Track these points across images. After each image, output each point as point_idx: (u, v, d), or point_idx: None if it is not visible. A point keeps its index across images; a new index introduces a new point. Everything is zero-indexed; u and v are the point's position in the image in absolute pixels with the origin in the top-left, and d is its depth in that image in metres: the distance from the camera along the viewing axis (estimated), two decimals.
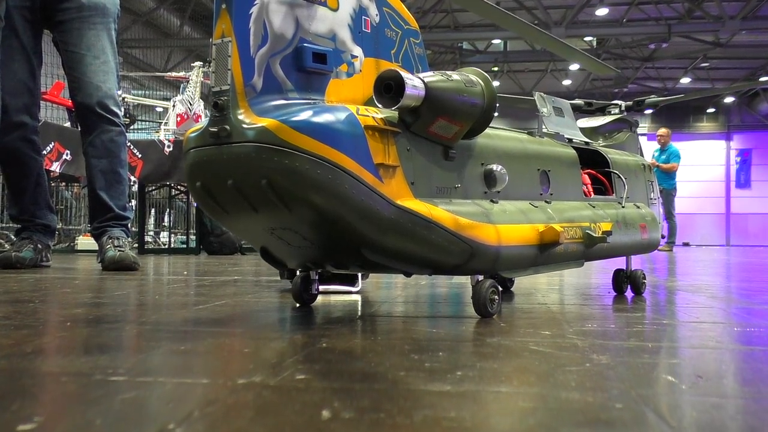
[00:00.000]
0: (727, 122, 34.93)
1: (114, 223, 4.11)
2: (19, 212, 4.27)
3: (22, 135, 4.12)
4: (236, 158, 1.36)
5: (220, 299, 2.04)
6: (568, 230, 1.88)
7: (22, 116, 4.11)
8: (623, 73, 29.47)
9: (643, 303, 2.03)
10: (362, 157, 1.41)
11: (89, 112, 4.08)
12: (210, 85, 1.42)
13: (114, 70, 4.19)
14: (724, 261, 7.39)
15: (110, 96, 4.12)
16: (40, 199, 4.30)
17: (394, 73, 1.47)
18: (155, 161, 7.36)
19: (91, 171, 4.14)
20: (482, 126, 1.66)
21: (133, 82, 20.94)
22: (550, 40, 2.20)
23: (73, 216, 10.27)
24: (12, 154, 4.13)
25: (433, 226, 1.51)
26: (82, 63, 4.07)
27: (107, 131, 4.10)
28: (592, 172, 2.38)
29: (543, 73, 29.72)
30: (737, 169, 35.69)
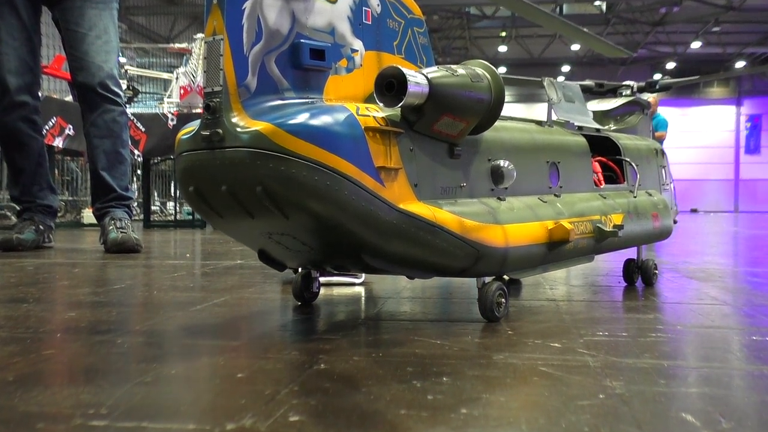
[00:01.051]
0: (737, 87, 34.59)
1: (117, 204, 4.07)
2: (20, 193, 4.22)
3: (22, 115, 4.06)
4: (230, 164, 1.30)
5: (221, 295, 1.99)
6: (578, 225, 1.81)
7: (23, 96, 4.05)
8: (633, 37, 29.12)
9: (654, 299, 1.97)
10: (362, 160, 1.34)
11: (91, 92, 4.02)
12: (202, 85, 1.35)
13: (115, 50, 4.12)
14: (732, 233, 7.32)
15: (112, 76, 4.05)
16: (42, 180, 4.25)
17: (396, 70, 1.39)
18: (159, 135, 7.31)
19: (93, 151, 4.08)
20: (490, 122, 1.58)
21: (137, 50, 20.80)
22: (562, 24, 2.11)
23: (79, 187, 10.24)
24: (13, 135, 4.07)
25: (438, 230, 1.44)
26: (84, 42, 4.00)
27: (109, 111, 4.04)
28: (603, 159, 2.31)
29: (551, 38, 29.38)
30: (747, 134, 35.42)
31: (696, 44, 29.14)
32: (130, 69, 8.72)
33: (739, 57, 31.17)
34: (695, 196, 32.34)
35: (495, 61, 32.42)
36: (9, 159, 4.19)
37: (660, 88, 2.74)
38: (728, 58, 31.26)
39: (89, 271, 2.78)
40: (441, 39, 28.15)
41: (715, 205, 33.69)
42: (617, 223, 2.01)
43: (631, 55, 3.61)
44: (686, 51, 30.34)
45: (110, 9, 4.14)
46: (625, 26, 27.51)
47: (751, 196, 34.75)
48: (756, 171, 34.42)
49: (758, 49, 30.21)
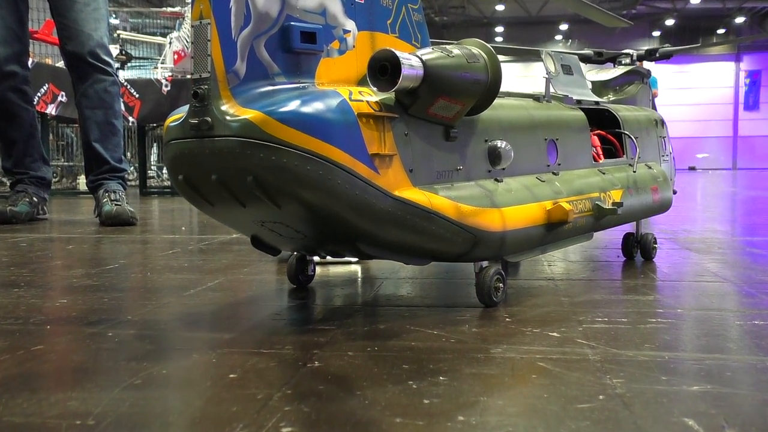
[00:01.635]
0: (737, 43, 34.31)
1: (110, 176, 4.02)
2: (13, 165, 4.18)
3: (12, 85, 4.00)
4: (219, 153, 1.26)
5: (215, 276, 1.96)
6: (576, 204, 1.79)
7: (12, 65, 3.98)
8: None
9: (653, 276, 1.95)
10: (356, 148, 1.30)
11: (81, 62, 3.95)
12: (189, 71, 1.30)
13: (105, 17, 4.04)
14: (731, 195, 7.30)
15: (102, 45, 3.97)
16: (34, 151, 4.20)
17: (390, 53, 1.35)
18: (153, 101, 7.22)
19: (85, 122, 4.03)
20: (486, 103, 1.54)
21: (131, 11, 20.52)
22: None
23: (75, 153, 10.17)
24: (3, 106, 4.01)
25: (434, 217, 1.41)
26: (73, 10, 3.92)
27: (100, 81, 3.97)
28: (602, 133, 2.27)
29: None
30: (746, 91, 35.24)
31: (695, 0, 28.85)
32: (122, 34, 8.60)
33: (739, 12, 30.87)
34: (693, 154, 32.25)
35: (492, 20, 32.12)
36: (0, 131, 4.14)
37: (660, 56, 2.69)
38: (728, 13, 30.97)
39: (83, 248, 2.75)
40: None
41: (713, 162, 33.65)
42: (616, 200, 1.98)
43: (631, 24, 3.54)
44: (685, 6, 30.05)
45: None
46: None
47: (749, 153, 34.68)
48: (755, 127, 34.31)
49: (758, 3, 29.91)
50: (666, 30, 33.37)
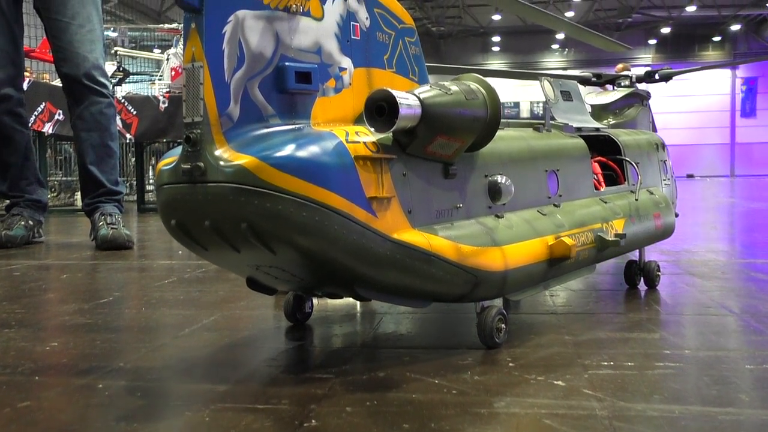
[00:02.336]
0: (732, 50, 34.39)
1: (106, 199, 3.98)
2: (8, 188, 4.14)
3: (6, 108, 3.97)
4: (213, 199, 1.22)
5: (211, 312, 1.92)
6: (578, 237, 1.75)
7: (6, 89, 3.95)
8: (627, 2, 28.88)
9: (657, 309, 1.91)
10: (353, 192, 1.27)
11: (76, 84, 3.91)
12: (182, 116, 1.27)
13: (100, 39, 4.01)
14: (730, 207, 7.27)
15: (97, 66, 3.94)
16: (30, 174, 4.16)
17: (386, 93, 1.31)
18: (151, 118, 7.18)
19: (81, 145, 3.99)
20: (486, 139, 1.51)
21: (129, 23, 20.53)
22: (562, 22, 2.03)
23: (72, 168, 10.13)
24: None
25: (434, 259, 1.38)
26: (67, 32, 3.88)
27: (96, 103, 3.94)
28: (603, 159, 2.24)
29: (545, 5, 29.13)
30: (743, 98, 35.29)
31: (691, 8, 28.92)
32: (120, 50, 8.57)
33: (734, 19, 30.94)
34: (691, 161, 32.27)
35: (489, 30, 32.16)
36: None
37: (660, 78, 2.66)
38: (723, 21, 31.03)
39: (77, 278, 2.71)
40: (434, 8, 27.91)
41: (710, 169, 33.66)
42: (619, 230, 1.95)
43: (630, 49, 3.53)
44: (681, 15, 30.10)
45: None
46: None
47: (746, 160, 34.70)
48: (752, 134, 34.35)
49: (753, 11, 29.99)
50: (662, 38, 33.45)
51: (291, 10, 1.31)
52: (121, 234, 3.72)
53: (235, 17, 1.24)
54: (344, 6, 1.41)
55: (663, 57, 34.22)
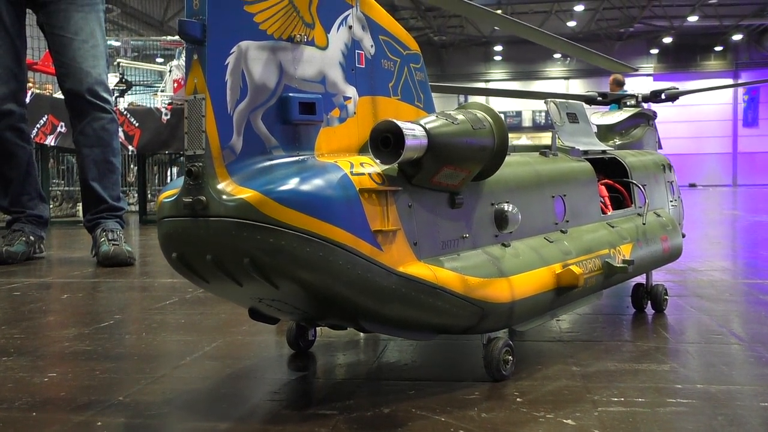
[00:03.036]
0: (734, 60, 34.43)
1: (108, 215, 3.97)
2: (9, 204, 4.12)
3: (9, 124, 3.96)
4: (214, 234, 1.20)
5: (212, 337, 1.90)
6: (586, 264, 1.73)
7: (9, 104, 3.94)
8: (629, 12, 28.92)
9: (666, 336, 1.88)
10: (358, 226, 1.24)
11: (79, 100, 3.90)
12: (183, 148, 1.25)
13: (103, 54, 3.99)
14: (733, 220, 7.24)
15: (100, 82, 3.92)
16: (31, 189, 4.15)
17: (392, 124, 1.29)
18: (153, 130, 7.17)
19: (83, 161, 3.98)
20: (494, 168, 1.48)
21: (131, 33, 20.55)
22: (565, 44, 2.01)
23: (75, 178, 10.12)
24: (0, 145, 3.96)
25: (440, 292, 1.35)
26: (71, 48, 3.87)
27: (98, 119, 3.92)
28: (609, 182, 2.22)
29: (547, 15, 29.20)
30: (745, 107, 35.30)
31: (693, 18, 28.94)
32: (122, 62, 8.57)
33: (736, 29, 30.98)
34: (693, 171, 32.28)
35: (491, 39, 32.20)
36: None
37: (666, 98, 2.63)
38: (725, 31, 31.07)
39: (78, 298, 2.68)
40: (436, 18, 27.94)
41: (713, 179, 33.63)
42: (626, 255, 1.92)
43: (636, 70, 3.50)
44: (683, 24, 30.14)
45: (96, 11, 4.01)
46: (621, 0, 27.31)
47: (749, 169, 34.70)
48: (754, 144, 34.36)
49: (755, 21, 30.02)
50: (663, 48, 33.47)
51: (295, 40, 1.29)
52: (122, 251, 3.70)
53: (238, 48, 1.22)
54: (349, 34, 1.39)
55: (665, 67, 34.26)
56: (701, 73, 34.27)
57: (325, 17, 1.35)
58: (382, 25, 1.47)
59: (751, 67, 33.80)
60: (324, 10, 1.34)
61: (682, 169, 29.24)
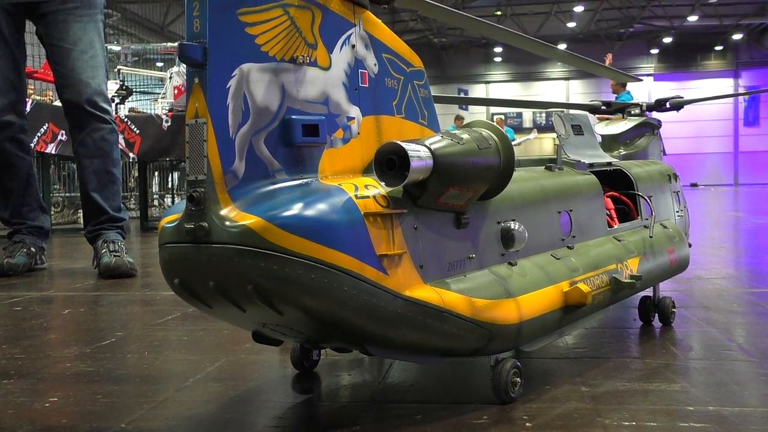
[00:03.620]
0: (735, 59, 34.38)
1: (109, 226, 3.94)
2: (10, 215, 4.10)
3: (8, 135, 3.94)
4: (217, 260, 1.18)
5: (215, 356, 1.87)
6: (593, 281, 1.70)
7: (8, 115, 3.92)
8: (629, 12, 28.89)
9: (675, 352, 1.86)
10: (363, 251, 1.22)
11: (78, 110, 3.87)
12: (185, 173, 1.22)
13: (103, 65, 3.97)
14: (736, 223, 7.22)
15: (100, 92, 3.90)
16: (32, 200, 4.13)
17: (396, 146, 1.27)
18: (154, 137, 7.16)
19: (83, 172, 3.95)
20: (500, 187, 1.46)
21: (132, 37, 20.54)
22: (569, 56, 1.99)
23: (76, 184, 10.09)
24: None
25: (447, 315, 1.33)
26: (69, 58, 3.85)
27: (98, 129, 3.90)
28: (616, 194, 2.19)
29: (547, 16, 29.18)
30: (745, 107, 35.26)
31: (693, 18, 28.91)
32: (123, 69, 8.55)
33: (736, 29, 30.94)
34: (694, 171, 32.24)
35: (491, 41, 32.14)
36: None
37: (671, 107, 2.61)
38: (725, 30, 31.04)
39: (79, 313, 2.66)
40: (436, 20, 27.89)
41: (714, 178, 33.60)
42: (633, 269, 1.90)
43: (640, 81, 3.48)
44: (683, 24, 30.11)
45: (95, 21, 3.99)
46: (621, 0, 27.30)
47: (750, 169, 34.64)
48: (755, 143, 34.29)
49: (755, 20, 29.99)
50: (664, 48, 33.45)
51: (297, 61, 1.27)
52: (124, 262, 3.67)
53: (240, 71, 1.20)
54: (352, 54, 1.37)
55: (665, 67, 34.24)
56: (702, 73, 34.23)
57: (328, 37, 1.33)
58: (385, 42, 1.45)
59: (752, 66, 33.76)
60: (326, 30, 1.32)
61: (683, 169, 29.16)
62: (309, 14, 1.29)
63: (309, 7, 1.29)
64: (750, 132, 34.85)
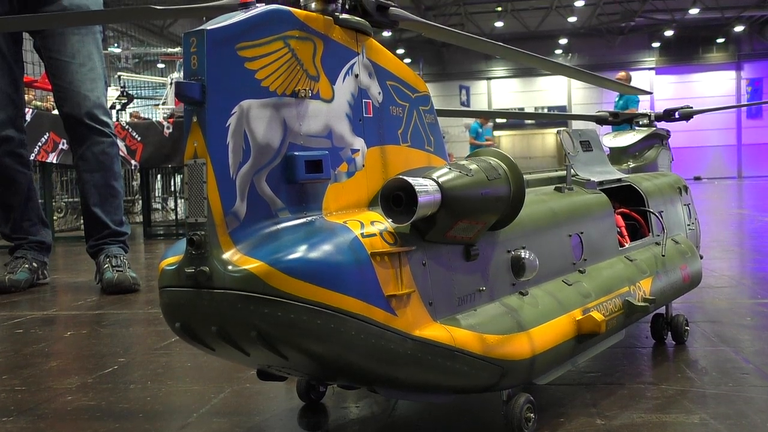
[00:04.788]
0: (737, 51, 34.27)
1: (111, 240, 3.90)
2: (11, 230, 4.07)
3: (7, 150, 3.90)
4: (220, 306, 1.13)
5: (219, 387, 1.83)
6: (606, 306, 1.66)
7: (7, 130, 3.88)
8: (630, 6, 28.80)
9: (691, 377, 1.81)
10: (370, 292, 1.18)
11: (78, 124, 3.84)
12: (184, 214, 1.18)
13: (102, 77, 3.93)
14: (740, 221, 7.16)
15: (99, 105, 3.86)
16: (33, 215, 4.09)
17: (403, 182, 1.22)
18: (155, 144, 7.12)
19: (84, 186, 3.92)
20: (510, 218, 1.41)
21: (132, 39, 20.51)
22: (575, 71, 1.94)
23: None
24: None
25: (457, 354, 1.29)
26: (68, 71, 3.81)
27: (98, 143, 3.86)
28: (626, 211, 2.14)
29: (547, 11, 29.09)
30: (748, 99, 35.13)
31: (694, 10, 28.81)
32: (123, 75, 8.52)
33: (738, 21, 30.82)
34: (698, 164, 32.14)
35: (491, 37, 32.07)
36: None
37: (681, 117, 2.56)
38: (727, 22, 30.92)
39: (82, 336, 2.62)
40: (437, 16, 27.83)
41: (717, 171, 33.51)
42: (646, 290, 1.86)
43: (650, 94, 3.45)
44: (684, 17, 30.00)
45: (93, 34, 3.96)
46: None
47: (754, 161, 34.55)
48: (759, 135, 34.17)
49: (757, 12, 29.87)
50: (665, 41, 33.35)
51: (299, 95, 1.22)
52: (126, 277, 3.64)
53: (240, 108, 1.15)
54: (355, 83, 1.32)
55: (666, 60, 34.14)
56: (704, 66, 34.12)
57: (330, 68, 1.28)
58: (389, 69, 1.40)
59: (754, 58, 33.65)
60: (329, 61, 1.28)
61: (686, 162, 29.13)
62: (311, 45, 1.24)
63: (310, 38, 1.24)
64: (753, 124, 34.74)
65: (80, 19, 2.73)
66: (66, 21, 2.96)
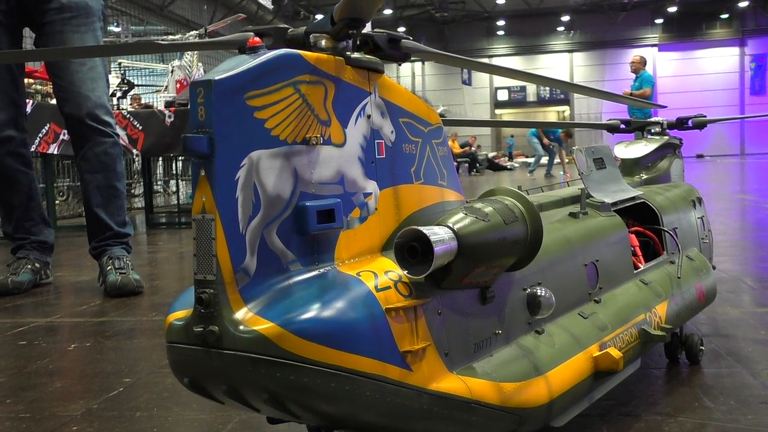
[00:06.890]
0: (740, 27, 34.05)
1: (114, 242, 3.87)
2: (13, 230, 4.04)
3: (9, 150, 3.86)
4: (230, 367, 1.10)
5: (228, 414, 1.80)
6: (623, 338, 1.62)
7: (8, 130, 3.84)
8: None
9: (709, 407, 1.78)
10: (385, 351, 1.14)
11: (79, 124, 3.79)
12: (192, 270, 1.14)
13: (103, 75, 3.87)
14: (744, 208, 7.11)
15: (101, 105, 3.81)
16: (35, 214, 4.06)
17: (418, 233, 1.18)
18: (157, 133, 7.08)
19: (86, 187, 3.87)
20: (528, 260, 1.37)
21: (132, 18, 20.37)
22: (590, 90, 1.89)
23: None
24: (1, 171, 3.87)
25: (474, 406, 1.25)
26: (68, 71, 3.75)
27: (100, 143, 3.81)
28: (640, 229, 2.10)
29: None
30: (752, 75, 34.98)
31: None
32: (124, 62, 8.46)
33: None
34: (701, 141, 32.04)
35: (493, 14, 31.87)
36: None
37: (694, 126, 2.51)
38: None
39: (85, 349, 2.58)
40: None
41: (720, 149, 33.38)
42: (662, 317, 1.82)
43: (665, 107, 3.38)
44: None
45: (93, 30, 3.90)
46: None
47: (756, 138, 34.44)
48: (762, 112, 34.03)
49: None
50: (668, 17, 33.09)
51: (310, 142, 1.18)
52: (130, 280, 3.61)
53: (249, 159, 1.11)
54: (368, 125, 1.27)
55: (670, 37, 33.92)
56: (707, 42, 33.93)
57: (342, 111, 1.23)
58: (402, 105, 1.35)
59: (758, 34, 33.44)
60: (340, 103, 1.23)
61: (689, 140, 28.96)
62: (322, 89, 1.19)
63: (321, 82, 1.19)
64: (757, 101, 34.57)
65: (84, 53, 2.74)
66: (71, 54, 2.99)
